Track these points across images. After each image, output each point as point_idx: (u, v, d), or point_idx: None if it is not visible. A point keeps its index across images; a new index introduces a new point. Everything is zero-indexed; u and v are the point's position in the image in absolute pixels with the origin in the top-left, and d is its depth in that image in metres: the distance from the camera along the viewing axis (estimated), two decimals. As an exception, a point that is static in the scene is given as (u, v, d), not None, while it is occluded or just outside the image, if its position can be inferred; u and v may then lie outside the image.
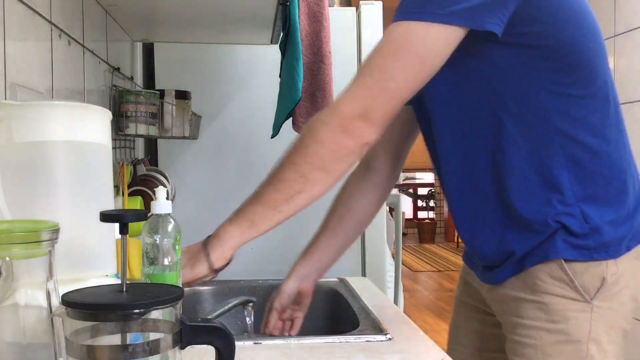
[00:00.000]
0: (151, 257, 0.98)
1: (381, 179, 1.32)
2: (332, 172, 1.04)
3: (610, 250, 1.06)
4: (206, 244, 1.07)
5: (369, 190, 1.33)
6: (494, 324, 1.20)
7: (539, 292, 1.05)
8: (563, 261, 1.04)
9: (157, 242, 0.98)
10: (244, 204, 1.08)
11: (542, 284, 1.05)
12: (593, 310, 1.03)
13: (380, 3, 1.98)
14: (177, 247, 0.98)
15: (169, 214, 1.00)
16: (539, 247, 1.06)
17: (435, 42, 0.98)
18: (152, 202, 1.00)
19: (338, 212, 1.36)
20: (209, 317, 1.31)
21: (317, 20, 1.60)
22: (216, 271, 1.06)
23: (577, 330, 1.03)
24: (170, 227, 0.99)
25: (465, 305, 1.30)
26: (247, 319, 1.41)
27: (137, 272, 1.38)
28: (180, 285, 1.00)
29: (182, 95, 1.64)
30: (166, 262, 0.97)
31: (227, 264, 1.07)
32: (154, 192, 1.60)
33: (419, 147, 1.35)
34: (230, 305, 1.37)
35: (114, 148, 1.45)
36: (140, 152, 1.92)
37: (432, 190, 10.40)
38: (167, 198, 1.00)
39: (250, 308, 1.42)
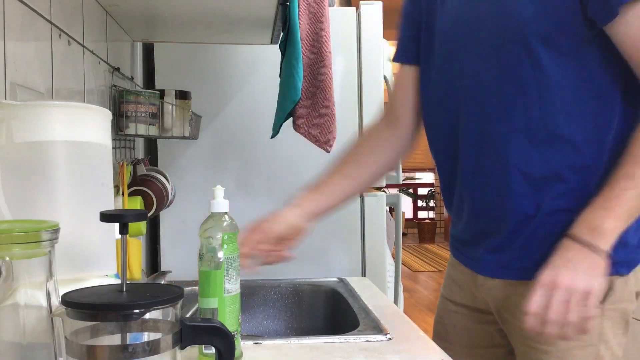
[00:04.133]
0: (202, 254, 0.98)
1: (405, 132, 1.30)
2: None
3: (632, 264, 1.06)
4: (590, 244, 0.95)
5: (392, 140, 1.31)
6: (484, 320, 1.20)
7: None
8: None
9: (212, 240, 0.98)
10: (609, 193, 0.96)
11: None
12: (604, 313, 1.03)
13: (380, 3, 1.98)
14: (226, 246, 0.98)
15: (226, 212, 1.00)
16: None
17: None
18: (210, 201, 0.99)
19: (356, 158, 1.34)
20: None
21: (317, 20, 1.60)
22: None
23: (590, 335, 1.00)
24: (225, 226, 0.99)
25: (452, 303, 1.28)
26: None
27: (137, 272, 1.38)
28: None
29: (182, 95, 1.64)
30: (217, 260, 0.97)
31: None
32: (154, 192, 1.60)
33: (419, 147, 1.35)
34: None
35: (114, 148, 1.45)
36: (140, 152, 1.92)
37: (432, 190, 10.40)
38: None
39: None
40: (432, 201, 10.40)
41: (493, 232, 1.12)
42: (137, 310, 0.64)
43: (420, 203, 10.54)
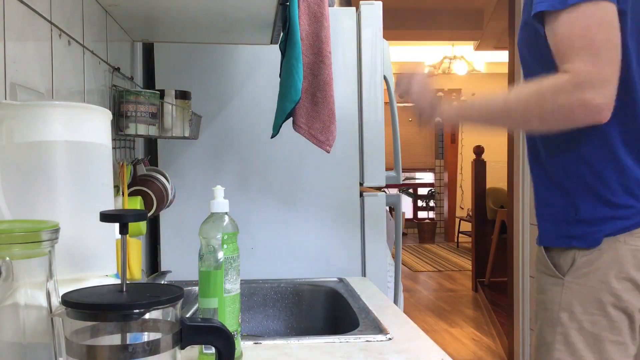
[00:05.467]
0: (202, 254, 0.98)
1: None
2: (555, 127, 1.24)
3: (589, 239, 1.23)
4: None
5: None
6: None
7: (535, 270, 1.33)
8: (543, 247, 1.31)
9: (212, 240, 0.98)
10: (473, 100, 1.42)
11: (537, 264, 1.33)
12: (564, 284, 1.24)
13: (380, 3, 1.98)
14: (226, 246, 0.98)
15: (226, 212, 1.00)
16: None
17: None
18: (210, 201, 1.00)
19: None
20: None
21: (317, 21, 1.60)
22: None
23: (551, 301, 1.26)
24: (225, 226, 0.99)
25: None
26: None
27: (137, 272, 1.38)
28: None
29: (182, 95, 1.64)
30: (217, 260, 0.97)
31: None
32: (154, 192, 1.60)
33: (419, 147, 1.37)
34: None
35: (114, 148, 1.45)
36: (140, 152, 1.92)
37: (432, 190, 10.40)
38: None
39: None
40: (432, 201, 10.40)
41: None
42: (137, 310, 0.64)
43: (420, 203, 10.53)
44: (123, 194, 1.43)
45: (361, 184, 1.99)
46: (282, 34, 1.57)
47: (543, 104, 1.16)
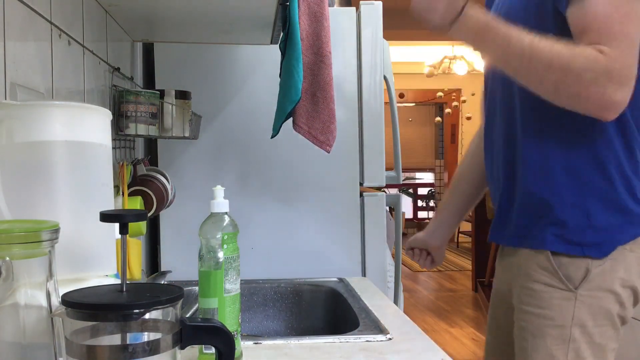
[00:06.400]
0: (202, 254, 0.98)
1: None
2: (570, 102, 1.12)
3: (603, 248, 1.15)
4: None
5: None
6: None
7: (531, 280, 1.18)
8: (550, 253, 1.17)
9: (212, 240, 0.98)
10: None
11: (534, 274, 1.19)
12: (577, 297, 1.14)
13: (380, 3, 1.98)
14: (226, 246, 0.98)
15: (226, 212, 1.00)
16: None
17: None
18: (210, 201, 0.99)
19: (458, 172, 1.52)
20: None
21: (317, 20, 1.59)
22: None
23: (561, 316, 1.15)
24: (225, 226, 0.99)
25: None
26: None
27: (137, 272, 1.38)
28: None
29: (182, 95, 1.64)
30: (217, 260, 0.97)
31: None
32: (154, 192, 1.60)
33: (419, 147, 1.36)
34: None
35: (114, 148, 1.45)
36: (140, 152, 1.91)
37: (432, 190, 10.40)
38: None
39: None
40: (432, 201, 10.40)
41: None
42: (137, 310, 0.64)
43: (420, 203, 10.53)
44: (123, 194, 1.43)
45: (361, 184, 1.99)
46: (282, 34, 1.57)
47: (567, 71, 1.06)
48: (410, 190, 10.38)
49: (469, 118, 9.28)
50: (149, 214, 1.60)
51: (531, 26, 1.11)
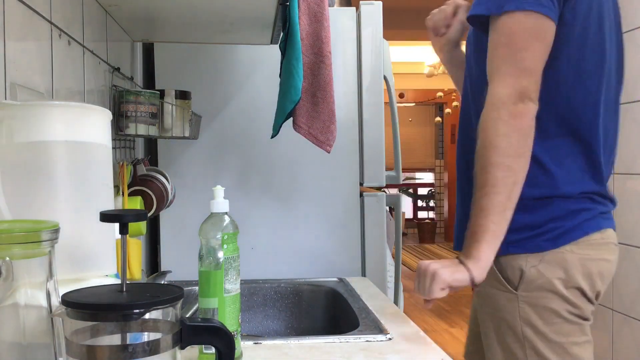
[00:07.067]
0: (202, 254, 0.98)
1: None
2: (528, 152, 1.14)
3: (521, 244, 1.18)
4: (463, 262, 1.13)
5: None
6: None
7: (484, 284, 1.20)
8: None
9: (212, 240, 0.98)
10: (474, 222, 1.14)
11: (486, 278, 1.18)
12: (519, 299, 1.18)
13: (380, 3, 1.98)
14: (226, 246, 0.98)
15: (226, 212, 1.00)
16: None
17: None
18: (210, 201, 1.00)
19: None
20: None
21: (317, 21, 1.59)
22: (475, 286, 1.14)
23: (512, 317, 1.19)
24: (225, 226, 0.99)
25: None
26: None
27: (137, 272, 1.38)
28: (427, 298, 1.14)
29: (182, 95, 1.64)
30: (217, 260, 0.97)
31: None
32: (154, 192, 1.60)
33: (419, 147, 1.36)
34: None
35: (114, 148, 1.45)
36: (140, 152, 1.92)
37: (432, 190, 10.40)
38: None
39: None
40: (432, 201, 10.39)
41: None
42: (137, 310, 0.64)
43: (420, 203, 10.53)
44: (123, 194, 1.43)
45: (361, 184, 1.99)
46: (282, 34, 1.57)
47: (489, 140, 1.12)
48: (410, 190, 10.38)
49: (469, 118, 9.26)
50: (149, 214, 1.60)
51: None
